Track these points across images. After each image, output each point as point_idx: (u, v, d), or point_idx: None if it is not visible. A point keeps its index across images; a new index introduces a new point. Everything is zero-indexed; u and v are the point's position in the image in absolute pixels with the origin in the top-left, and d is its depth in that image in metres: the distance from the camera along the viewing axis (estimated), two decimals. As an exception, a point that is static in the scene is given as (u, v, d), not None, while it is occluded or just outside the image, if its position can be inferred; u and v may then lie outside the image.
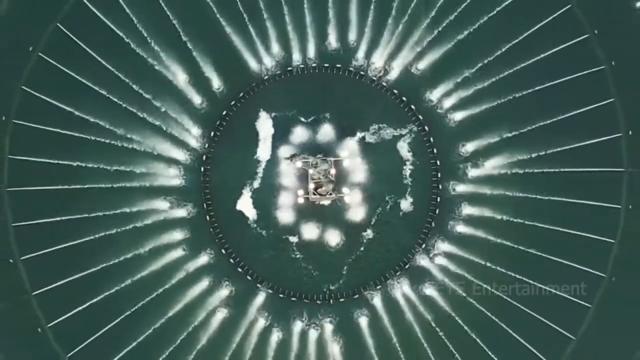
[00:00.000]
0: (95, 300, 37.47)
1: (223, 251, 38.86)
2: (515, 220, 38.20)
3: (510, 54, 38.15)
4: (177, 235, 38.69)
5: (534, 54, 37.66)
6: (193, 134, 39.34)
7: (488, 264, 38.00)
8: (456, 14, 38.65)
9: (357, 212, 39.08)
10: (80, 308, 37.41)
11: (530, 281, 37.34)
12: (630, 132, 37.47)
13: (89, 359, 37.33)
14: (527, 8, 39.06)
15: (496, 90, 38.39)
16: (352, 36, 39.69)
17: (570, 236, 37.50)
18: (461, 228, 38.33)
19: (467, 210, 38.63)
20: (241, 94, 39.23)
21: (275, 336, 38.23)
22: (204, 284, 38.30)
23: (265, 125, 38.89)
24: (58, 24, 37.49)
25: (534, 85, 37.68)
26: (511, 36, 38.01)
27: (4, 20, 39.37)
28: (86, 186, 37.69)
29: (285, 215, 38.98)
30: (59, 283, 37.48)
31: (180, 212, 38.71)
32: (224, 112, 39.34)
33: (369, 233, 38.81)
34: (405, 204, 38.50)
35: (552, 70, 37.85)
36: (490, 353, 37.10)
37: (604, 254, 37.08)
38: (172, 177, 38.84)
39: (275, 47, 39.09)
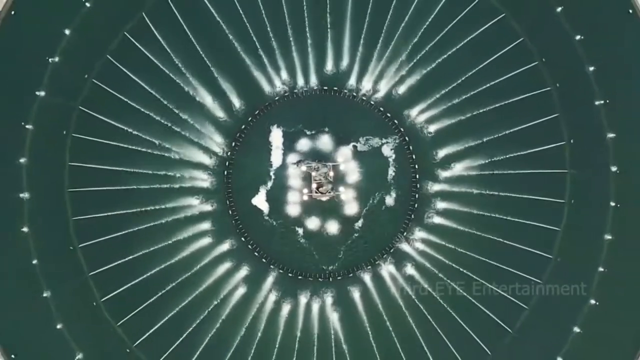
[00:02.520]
0: (141, 278, 42.23)
1: (242, 239, 43.36)
2: (479, 212, 43.12)
3: (472, 79, 42.61)
4: (205, 226, 43.28)
5: (492, 79, 42.12)
6: (218, 144, 43.76)
7: (457, 249, 42.90)
8: (428, 49, 42.98)
9: (350, 207, 43.36)
10: (128, 285, 42.07)
11: (491, 261, 42.21)
12: (572, 141, 41.87)
13: (136, 326, 41.68)
14: (486, 41, 43.24)
15: (462, 108, 43.09)
16: (345, 65, 43.80)
17: (523, 225, 42.54)
18: (435, 219, 43.31)
19: (440, 204, 43.34)
20: (256, 112, 43.76)
21: (285, 307, 43.02)
22: (226, 265, 43.09)
23: (276, 136, 43.35)
24: (108, 56, 41.72)
25: (493, 104, 42.32)
26: (474, 65, 42.43)
27: (65, 54, 42.02)
28: (133, 187, 42.60)
29: (292, 209, 43.32)
30: (111, 265, 41.78)
31: (208, 207, 43.70)
32: (243, 127, 43.84)
33: (360, 223, 43.50)
34: (390, 200, 43.22)
35: (508, 91, 42.23)
36: (457, 318, 41.62)
37: (550, 240, 42.02)
38: (201, 179, 43.66)
39: (284, 75, 43.52)
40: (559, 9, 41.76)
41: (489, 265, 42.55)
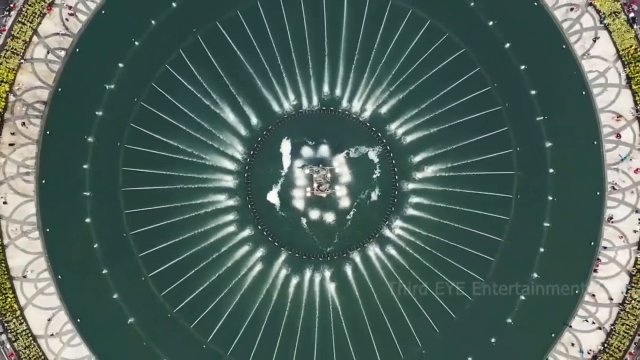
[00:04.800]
0: (179, 258, 46.09)
1: (259, 227, 47.46)
2: (445, 205, 47.17)
3: (440, 100, 46.68)
4: (230, 217, 47.59)
5: (456, 100, 46.31)
6: (240, 153, 47.60)
7: (428, 234, 46.69)
8: (404, 77, 46.76)
9: (344, 201, 47.72)
10: (169, 264, 46.20)
11: (453, 243, 46.12)
12: (518, 149, 46.37)
13: (175, 296, 45.92)
14: (450, 71, 46.55)
15: (431, 123, 47.09)
16: (339, 91, 47.46)
17: (480, 215, 46.25)
18: (411, 211, 47.35)
19: (414, 199, 47.54)
20: (270, 127, 47.76)
21: (293, 281, 47.22)
22: (246, 248, 47.43)
23: (285, 146, 47.51)
24: (153, 84, 46.32)
25: (456, 120, 46.59)
26: (440, 89, 46.48)
27: (119, 82, 46.08)
28: (173, 187, 46.40)
29: (298, 203, 47.66)
30: (156, 248, 46.17)
31: (232, 202, 47.64)
32: (259, 139, 47.80)
33: (351, 214, 47.57)
34: (375, 196, 47.51)
35: (468, 110, 46.57)
36: (426, 286, 45.54)
37: (500, 227, 46.31)
38: (227, 180, 47.50)
39: (292, 98, 47.65)
40: (507, 45, 46.50)
41: (453, 247, 46.28)
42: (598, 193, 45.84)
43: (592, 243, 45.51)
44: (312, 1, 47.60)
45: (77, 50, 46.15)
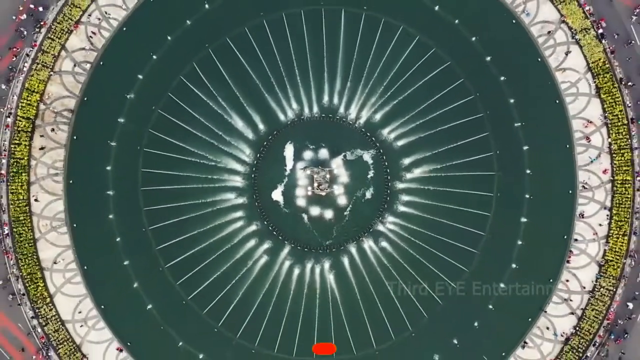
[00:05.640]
0: (193, 251, 48.63)
1: (265, 223, 50.01)
2: (431, 203, 49.32)
3: (427, 108, 48.63)
4: (239, 213, 50.23)
5: (442, 108, 48.56)
6: (247, 156, 50.09)
7: (417, 229, 49.17)
8: (395, 88, 48.83)
9: (341, 199, 50.05)
10: (184, 255, 48.79)
11: (440, 236, 48.46)
12: (498, 152, 48.67)
13: (189, 285, 48.64)
14: (436, 82, 48.52)
15: (420, 129, 49.16)
16: (337, 100, 49.73)
17: (464, 211, 48.54)
18: (401, 208, 49.80)
19: (404, 198, 49.86)
20: (275, 132, 50.00)
21: (296, 271, 49.90)
22: (253, 241, 50.15)
23: (289, 150, 49.73)
24: (169, 94, 48.81)
25: (442, 126, 48.74)
26: (428, 98, 48.55)
27: (139, 92, 48.49)
28: (187, 186, 48.85)
29: (300, 201, 50.13)
30: (172, 241, 48.74)
31: (240, 200, 50.09)
32: (265, 143, 50.05)
33: (348, 211, 49.77)
34: (369, 194, 49.82)
35: (453, 117, 48.74)
36: (414, 274, 47.94)
37: (482, 222, 48.79)
38: (235, 180, 49.86)
39: (294, 106, 49.83)
40: (488, 58, 48.73)
41: (439, 240, 48.53)
42: (570, 191, 48.22)
43: (565, 237, 48.09)
44: (313, 20, 49.41)
45: (101, 63, 48.71)
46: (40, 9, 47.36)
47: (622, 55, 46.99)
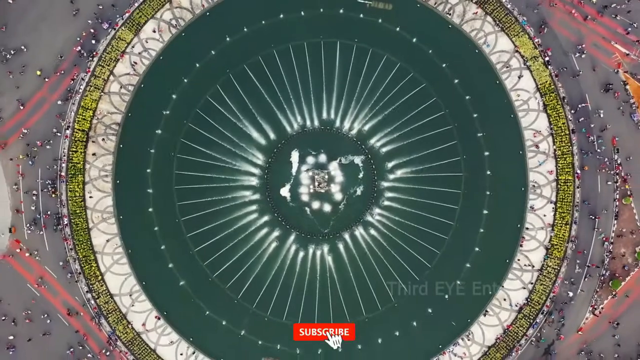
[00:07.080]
0: (217, 237, 53.52)
1: (275, 214, 54.81)
2: (410, 198, 54.27)
3: (406, 122, 53.45)
4: (253, 207, 55.02)
5: (417, 122, 53.49)
6: (261, 160, 54.54)
7: (399, 219, 54.19)
8: (379, 106, 53.46)
9: (337, 195, 54.45)
10: (210, 241, 53.73)
11: (416, 225, 53.47)
12: (464, 157, 53.85)
13: (214, 265, 53.43)
14: (413, 101, 52.97)
15: (400, 139, 53.92)
16: (333, 115, 54.10)
17: (435, 205, 53.69)
18: (386, 202, 54.59)
19: (388, 194, 54.58)
20: (283, 141, 54.67)
21: (300, 254, 54.73)
22: (265, 230, 55.05)
23: (294, 155, 54.46)
24: (197, 110, 54.08)
25: (417, 136, 53.67)
26: (406, 114, 53.40)
27: (173, 109, 53.20)
28: (213, 185, 53.80)
29: (304, 197, 54.60)
30: (200, 230, 53.77)
31: (255, 197, 54.75)
32: (275, 150, 54.63)
33: (342, 205, 54.54)
34: (359, 191, 54.62)
35: (426, 129, 53.60)
36: (397, 256, 52.70)
37: (451, 214, 54.07)
38: (251, 180, 54.44)
39: (299, 119, 54.53)
40: (456, 81, 53.92)
41: (416, 228, 53.59)
42: (523, 189, 53.76)
43: (519, 225, 53.66)
44: (314, 50, 54.47)
45: (142, 85, 54.16)
46: (93, 41, 53.43)
47: (565, 78, 52.61)
